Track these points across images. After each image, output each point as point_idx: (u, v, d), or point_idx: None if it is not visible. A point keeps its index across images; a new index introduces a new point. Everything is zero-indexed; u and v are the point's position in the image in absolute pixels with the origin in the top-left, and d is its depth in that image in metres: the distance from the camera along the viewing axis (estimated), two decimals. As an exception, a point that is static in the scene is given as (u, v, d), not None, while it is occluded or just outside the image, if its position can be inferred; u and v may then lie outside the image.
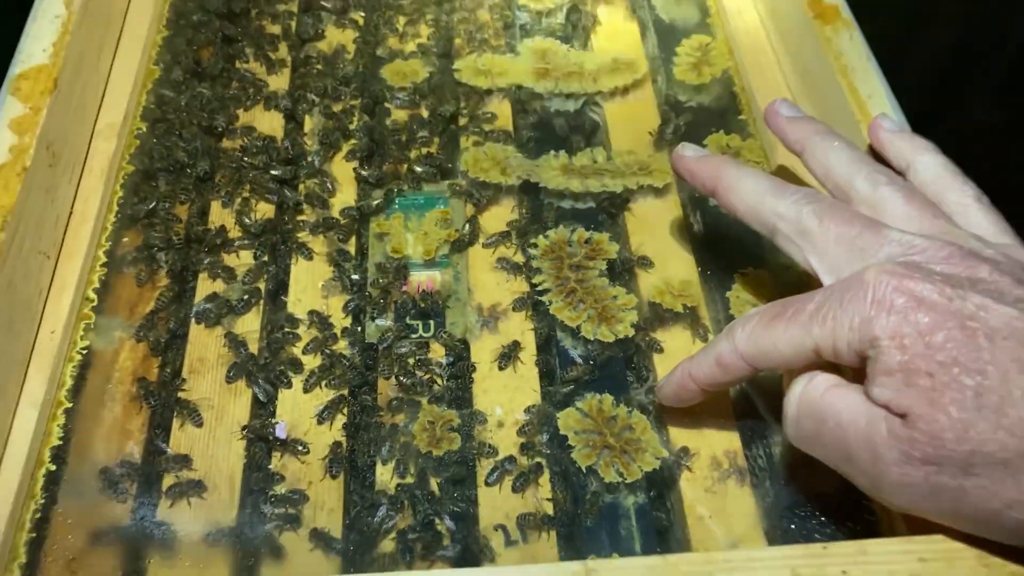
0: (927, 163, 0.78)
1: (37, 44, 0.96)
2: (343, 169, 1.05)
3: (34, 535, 0.77)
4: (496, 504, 0.81)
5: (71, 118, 0.96)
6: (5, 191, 0.83)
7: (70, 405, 0.85)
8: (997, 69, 1.55)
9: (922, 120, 1.40)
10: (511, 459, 0.82)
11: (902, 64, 1.46)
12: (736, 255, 0.97)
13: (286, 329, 0.91)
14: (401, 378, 0.87)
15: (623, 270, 0.96)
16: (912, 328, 0.61)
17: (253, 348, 0.90)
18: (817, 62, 1.01)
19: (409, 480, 0.82)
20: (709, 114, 1.12)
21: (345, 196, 1.03)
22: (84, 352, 0.88)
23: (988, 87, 1.54)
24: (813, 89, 1.03)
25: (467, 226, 0.99)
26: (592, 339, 0.90)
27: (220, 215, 1.00)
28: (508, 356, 0.89)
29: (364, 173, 1.04)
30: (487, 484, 0.81)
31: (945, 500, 0.61)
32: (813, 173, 0.81)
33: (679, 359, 0.88)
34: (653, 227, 1.00)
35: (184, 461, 0.81)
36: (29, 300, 0.85)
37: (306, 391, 0.87)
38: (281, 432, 0.83)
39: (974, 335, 0.59)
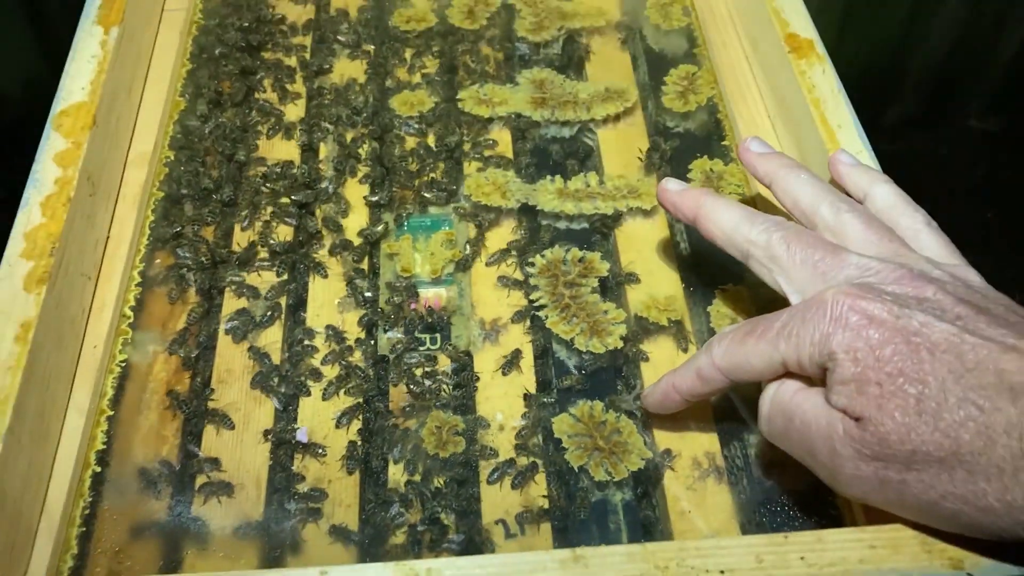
0: (882, 193, 0.87)
1: (76, 83, 1.05)
2: (355, 193, 1.14)
3: (84, 529, 0.86)
4: (497, 501, 0.89)
5: (107, 149, 1.05)
6: (53, 220, 0.92)
7: (111, 413, 0.94)
8: (991, 77, 1.61)
9: (916, 127, 1.48)
10: (510, 460, 0.91)
11: (898, 71, 1.54)
12: (717, 272, 1.05)
13: (305, 342, 1.00)
14: (411, 386, 0.96)
15: (613, 285, 1.05)
16: (864, 343, 0.69)
17: (275, 359, 0.98)
18: (792, 93, 1.09)
19: (418, 479, 0.90)
20: (694, 140, 1.20)
21: (358, 219, 1.11)
22: (123, 365, 0.97)
23: (982, 94, 1.60)
24: (789, 118, 1.11)
25: (469, 247, 1.08)
26: (584, 351, 0.98)
27: (243, 237, 1.09)
28: (511, 363, 0.98)
29: (375, 199, 1.12)
30: (488, 483, 0.90)
31: (891, 491, 0.69)
32: (782, 203, 0.90)
33: (664, 369, 0.97)
34: (641, 246, 1.09)
35: (214, 463, 0.90)
36: (74, 318, 0.94)
37: (325, 399, 0.96)
38: (303, 436, 0.92)
39: (917, 349, 0.68)
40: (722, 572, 0.71)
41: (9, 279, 0.87)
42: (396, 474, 0.91)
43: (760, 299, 1.02)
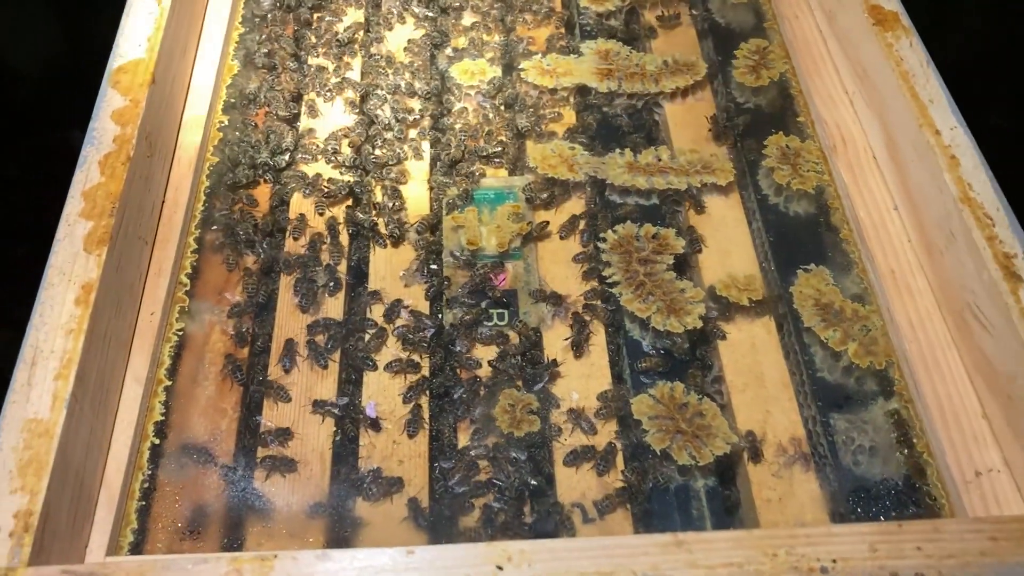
0: None
1: (133, 39, 1.01)
2: (416, 164, 1.10)
3: (143, 503, 0.82)
4: (572, 483, 0.85)
5: (164, 110, 1.01)
6: (112, 179, 0.88)
7: (169, 383, 0.89)
8: (1015, 75, 1.57)
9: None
10: (597, 437, 0.87)
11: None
12: (797, 252, 1.01)
13: (368, 315, 0.96)
14: (477, 363, 0.92)
15: (687, 263, 1.00)
16: None
17: (337, 333, 0.94)
18: (877, 67, 1.04)
19: (491, 458, 0.86)
20: (767, 115, 1.15)
21: (420, 190, 1.07)
22: (180, 333, 0.93)
23: (1007, 93, 1.56)
24: (872, 92, 1.06)
25: (534, 221, 1.03)
26: (661, 330, 0.93)
27: (300, 205, 1.05)
28: (582, 341, 0.93)
29: (436, 170, 1.08)
30: (565, 465, 0.85)
31: None
32: None
33: (745, 351, 0.93)
34: (716, 223, 1.04)
35: (284, 435, 0.86)
36: (132, 284, 0.89)
37: (389, 372, 0.91)
38: (371, 411, 0.88)
39: None
40: (834, 561, 0.66)
41: (69, 239, 0.83)
42: (467, 452, 0.86)
43: (844, 282, 0.98)
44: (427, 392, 0.90)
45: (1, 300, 1.91)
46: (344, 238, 1.02)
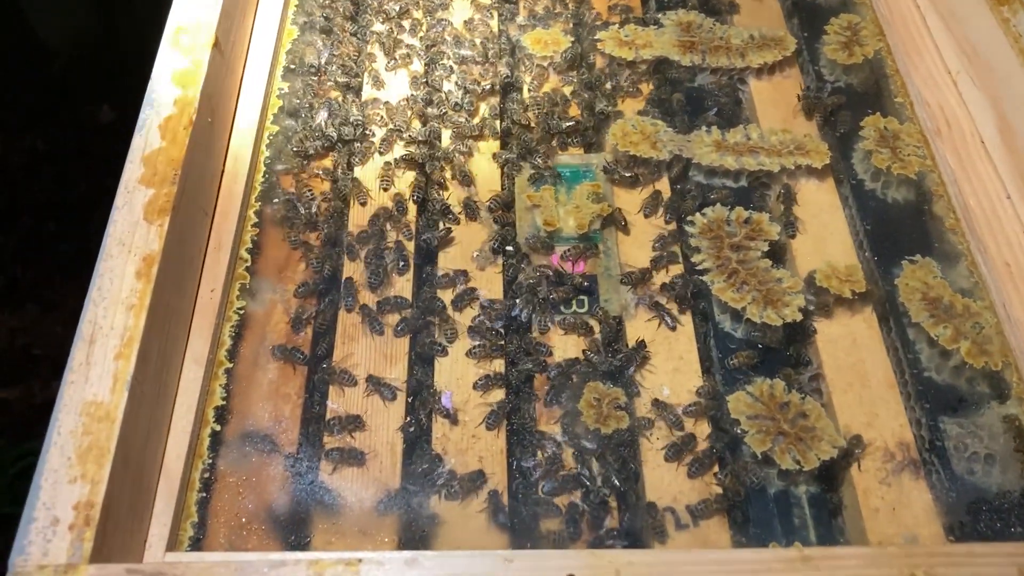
0: None
1: (194, -2, 0.94)
2: (486, 140, 1.03)
3: (203, 495, 0.76)
4: (662, 485, 0.79)
5: (224, 74, 0.95)
6: (174, 144, 0.82)
7: (230, 365, 0.83)
8: None
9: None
10: (683, 442, 0.80)
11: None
12: (901, 241, 0.94)
13: (438, 299, 0.89)
14: (557, 356, 0.85)
15: (781, 251, 0.93)
16: None
17: (405, 313, 0.88)
18: (990, 44, 0.97)
19: (576, 456, 0.79)
20: (861, 95, 1.08)
21: (491, 167, 1.00)
22: (240, 312, 0.87)
23: None
24: (984, 72, 0.98)
25: (614, 202, 0.96)
26: (757, 322, 0.86)
27: (365, 179, 0.98)
28: (669, 329, 0.87)
29: (507, 146, 1.01)
30: (666, 460, 0.79)
31: None
32: None
33: (847, 346, 0.86)
34: (811, 209, 0.97)
35: (355, 423, 0.79)
36: (192, 258, 0.84)
37: (471, 358, 0.85)
38: (447, 402, 0.82)
39: None
40: (979, 585, 0.60)
41: (128, 207, 0.77)
42: (549, 448, 0.80)
43: (952, 275, 0.90)
44: (506, 383, 0.83)
45: (28, 275, 1.87)
46: (412, 214, 0.95)
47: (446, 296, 0.89)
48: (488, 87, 1.06)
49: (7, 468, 1.57)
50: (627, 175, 0.99)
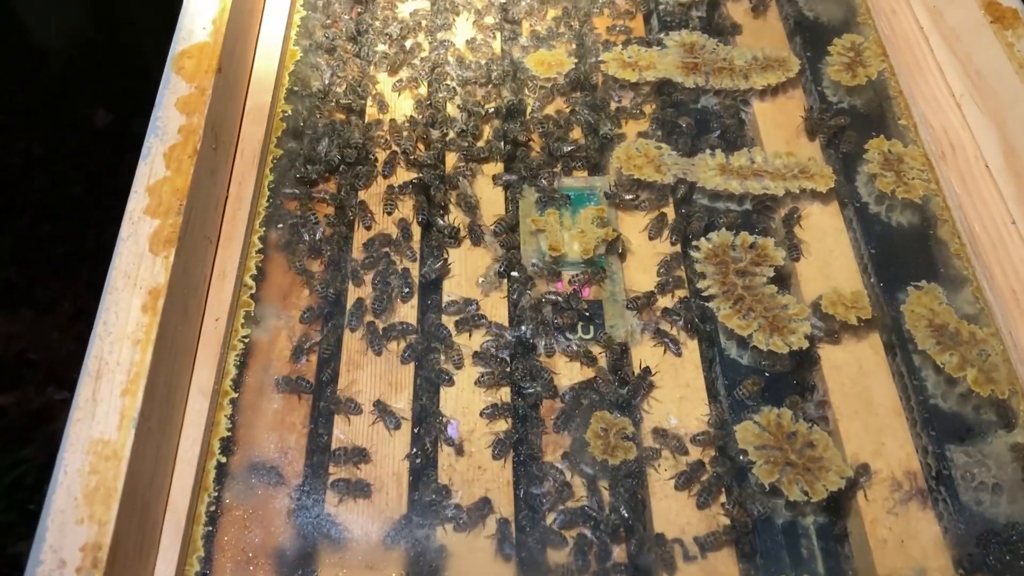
0: None
1: (197, 21, 0.94)
2: (489, 163, 1.03)
3: (209, 528, 0.75)
4: (670, 516, 0.79)
5: (228, 99, 0.94)
6: (179, 173, 0.81)
7: (235, 395, 0.83)
8: None
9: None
10: (691, 471, 0.80)
11: None
12: (907, 266, 0.94)
13: (442, 326, 0.89)
14: (564, 381, 0.85)
15: (786, 276, 0.93)
16: None
17: (410, 339, 0.87)
18: (994, 68, 0.97)
19: (583, 488, 0.79)
20: (865, 117, 1.08)
21: (495, 193, 1.00)
22: (245, 340, 0.86)
23: None
24: (988, 96, 0.98)
25: (619, 229, 0.96)
26: (763, 349, 0.86)
27: (369, 201, 0.98)
28: (672, 353, 0.87)
29: (510, 169, 1.01)
30: (677, 489, 0.79)
31: None
32: None
33: (852, 374, 0.86)
34: (815, 232, 0.97)
35: (360, 455, 0.79)
36: (197, 287, 0.83)
37: (479, 386, 0.85)
38: (453, 432, 0.81)
39: None
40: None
41: (133, 238, 0.77)
42: (556, 478, 0.80)
43: (960, 300, 0.90)
44: (511, 412, 0.83)
45: (24, 279, 1.86)
46: (416, 238, 0.95)
47: (452, 322, 0.89)
48: (492, 110, 1.06)
49: (3, 475, 1.55)
50: (628, 198, 0.98)
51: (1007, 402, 0.84)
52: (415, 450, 0.81)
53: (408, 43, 1.13)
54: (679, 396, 0.86)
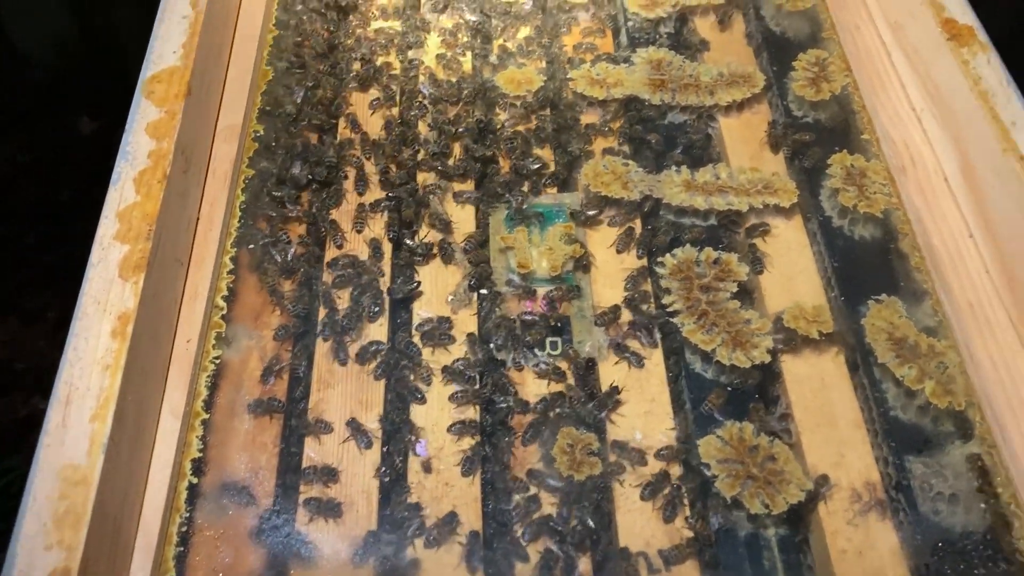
0: None
1: (167, 45, 0.95)
2: (459, 180, 1.04)
3: (181, 549, 0.76)
4: (635, 529, 0.80)
5: (199, 121, 0.95)
6: (148, 198, 0.83)
7: (207, 416, 0.84)
8: None
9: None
10: (655, 483, 0.81)
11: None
12: (868, 280, 0.95)
13: (413, 343, 0.90)
14: (531, 395, 0.87)
15: (749, 290, 0.95)
16: None
17: (381, 359, 0.89)
18: (952, 85, 0.99)
19: (550, 502, 0.81)
20: (828, 132, 1.09)
21: (464, 211, 1.01)
22: (216, 362, 0.88)
23: None
24: (946, 112, 1.00)
25: (587, 246, 0.98)
26: (726, 364, 0.88)
27: (340, 220, 0.99)
28: (637, 370, 0.89)
29: (479, 187, 1.03)
30: (642, 499, 0.80)
31: None
32: None
33: (814, 387, 0.88)
34: (779, 247, 0.99)
35: (329, 475, 0.80)
36: (167, 310, 0.84)
37: (452, 402, 0.86)
38: (422, 451, 0.83)
39: None
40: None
41: (103, 264, 0.78)
42: (523, 493, 0.81)
43: (920, 313, 0.92)
44: (479, 429, 0.85)
45: (9, 287, 1.86)
46: (387, 257, 0.96)
47: (420, 340, 0.91)
48: (462, 128, 1.07)
49: (-11, 485, 1.56)
50: (592, 213, 1.00)
51: (964, 413, 0.86)
52: (384, 468, 0.82)
53: (379, 61, 1.15)
54: (645, 411, 0.87)
